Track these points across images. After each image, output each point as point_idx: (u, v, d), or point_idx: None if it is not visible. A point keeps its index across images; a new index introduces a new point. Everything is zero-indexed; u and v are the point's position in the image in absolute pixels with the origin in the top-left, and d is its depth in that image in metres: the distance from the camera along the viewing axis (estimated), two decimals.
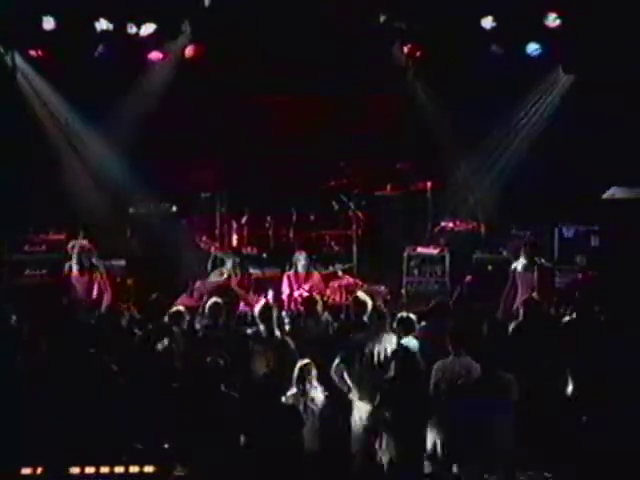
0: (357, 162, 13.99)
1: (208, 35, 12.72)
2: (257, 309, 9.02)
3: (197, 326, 9.17)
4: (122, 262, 12.17)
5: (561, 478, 7.49)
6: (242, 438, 7.18)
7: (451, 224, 13.17)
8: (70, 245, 10.84)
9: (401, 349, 7.90)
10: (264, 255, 13.24)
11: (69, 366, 7.75)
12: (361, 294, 9.27)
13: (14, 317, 8.65)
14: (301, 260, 11.13)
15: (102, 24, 12.10)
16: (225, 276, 11.12)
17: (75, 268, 10.34)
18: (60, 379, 7.55)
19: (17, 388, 7.54)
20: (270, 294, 10.77)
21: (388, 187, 13.88)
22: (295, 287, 10.97)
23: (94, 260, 10.47)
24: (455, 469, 7.60)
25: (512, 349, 8.02)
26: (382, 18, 12.37)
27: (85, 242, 10.85)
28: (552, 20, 12.06)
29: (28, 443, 6.91)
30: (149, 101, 13.09)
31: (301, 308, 10.06)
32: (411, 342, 8.25)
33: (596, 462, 7.24)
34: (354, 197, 13.27)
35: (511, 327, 8.72)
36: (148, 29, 12.39)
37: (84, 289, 10.32)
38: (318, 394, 7.85)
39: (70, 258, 10.49)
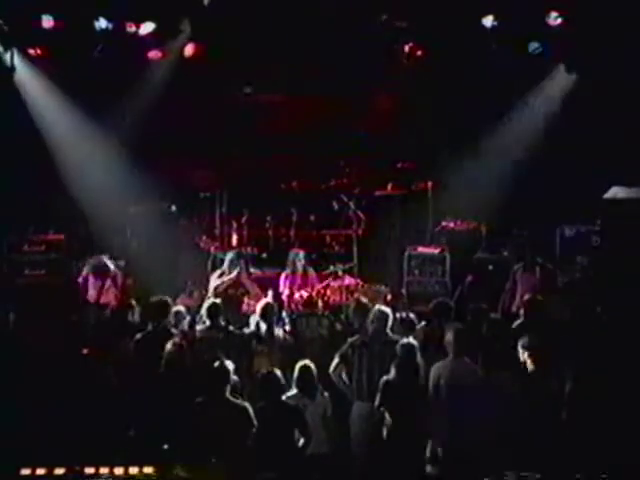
0: (357, 162, 13.96)
1: (207, 34, 12.69)
2: (259, 308, 9.02)
3: (197, 326, 9.17)
4: (122, 262, 12.15)
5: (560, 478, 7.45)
6: (242, 438, 7.16)
7: (451, 224, 13.14)
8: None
9: (401, 349, 7.87)
10: (264, 255, 13.22)
11: (69, 366, 7.73)
12: (362, 297, 9.27)
13: (13, 317, 8.64)
14: (300, 259, 11.10)
15: (101, 23, 12.07)
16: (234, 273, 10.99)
17: (91, 270, 10.50)
18: (59, 379, 7.53)
19: (17, 388, 7.53)
20: (270, 294, 10.72)
21: (388, 187, 13.85)
22: (295, 287, 10.94)
23: (109, 264, 10.75)
24: (454, 469, 7.58)
25: (512, 349, 7.98)
26: (383, 17, 12.33)
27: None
28: (553, 19, 12.03)
29: (28, 444, 6.88)
30: (148, 100, 13.07)
31: (302, 308, 10.04)
32: (411, 342, 8.22)
33: (596, 462, 7.20)
34: (354, 197, 13.26)
35: (512, 327, 8.70)
36: (147, 28, 12.35)
37: (97, 291, 10.42)
38: (318, 394, 7.83)
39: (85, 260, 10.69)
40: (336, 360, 8.30)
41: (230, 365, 7.31)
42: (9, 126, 12.45)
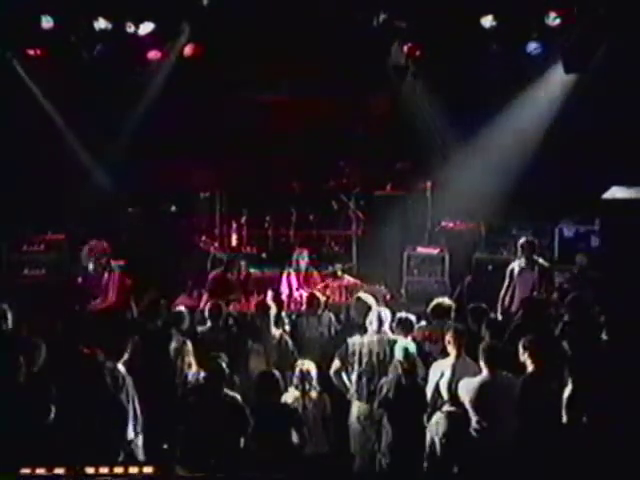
0: (357, 162, 13.97)
1: (207, 34, 12.70)
2: (254, 308, 9.04)
3: (198, 327, 9.18)
4: (122, 262, 12.15)
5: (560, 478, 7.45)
6: (242, 438, 7.15)
7: (451, 224, 13.15)
8: (87, 247, 10.76)
9: (400, 349, 7.86)
10: (264, 255, 13.23)
11: (68, 366, 7.73)
12: (363, 295, 9.27)
13: (12, 317, 8.62)
14: (304, 258, 11.10)
15: (101, 23, 12.07)
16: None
17: (91, 268, 10.40)
18: (59, 379, 7.52)
19: (16, 389, 7.52)
20: (270, 294, 10.74)
21: (388, 187, 13.86)
22: (295, 287, 10.95)
23: (111, 262, 10.56)
24: (454, 469, 7.58)
25: (512, 349, 7.98)
26: (382, 17, 12.32)
27: (104, 244, 10.80)
28: (552, 19, 12.03)
29: (28, 444, 6.88)
30: (148, 100, 13.08)
31: (302, 308, 10.04)
32: (410, 343, 8.22)
33: (596, 463, 7.20)
34: (354, 197, 13.27)
35: (511, 327, 8.70)
36: (147, 28, 12.36)
37: (99, 289, 10.39)
38: (317, 394, 7.83)
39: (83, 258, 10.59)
40: (336, 360, 8.30)
41: (224, 363, 7.30)
42: (9, 126, 12.47)
